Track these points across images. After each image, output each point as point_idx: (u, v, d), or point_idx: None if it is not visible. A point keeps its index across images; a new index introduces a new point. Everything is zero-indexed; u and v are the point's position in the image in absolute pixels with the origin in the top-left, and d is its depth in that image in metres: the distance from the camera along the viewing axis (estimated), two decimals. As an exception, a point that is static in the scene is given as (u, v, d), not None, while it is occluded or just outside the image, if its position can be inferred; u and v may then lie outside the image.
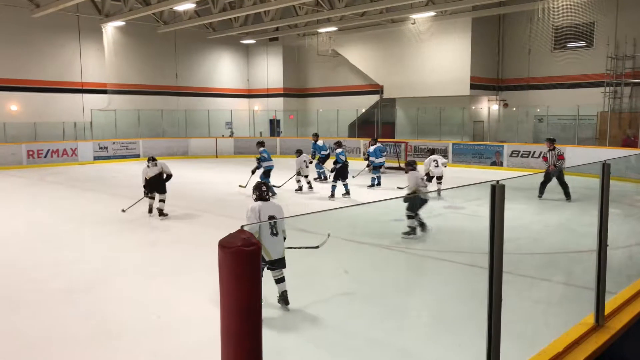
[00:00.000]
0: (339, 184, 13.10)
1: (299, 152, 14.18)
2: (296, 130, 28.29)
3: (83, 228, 9.99)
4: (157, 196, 10.64)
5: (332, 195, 12.92)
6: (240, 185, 14.02)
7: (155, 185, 10.61)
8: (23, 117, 21.60)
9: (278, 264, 5.46)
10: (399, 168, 18.77)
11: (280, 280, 5.51)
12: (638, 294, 3.61)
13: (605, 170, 3.16)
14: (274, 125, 29.06)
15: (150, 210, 10.67)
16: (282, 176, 14.69)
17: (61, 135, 22.19)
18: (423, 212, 8.78)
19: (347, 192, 13.07)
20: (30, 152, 20.49)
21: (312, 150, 16.42)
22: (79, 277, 6.87)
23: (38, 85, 22.23)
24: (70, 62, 23.14)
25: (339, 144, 14.01)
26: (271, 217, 5.62)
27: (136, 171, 18.87)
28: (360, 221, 8.49)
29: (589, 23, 20.24)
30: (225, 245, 1.56)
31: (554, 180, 12.56)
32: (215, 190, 14.70)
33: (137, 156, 23.36)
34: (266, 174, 13.10)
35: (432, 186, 14.74)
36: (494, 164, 19.87)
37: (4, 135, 20.77)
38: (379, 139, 17.79)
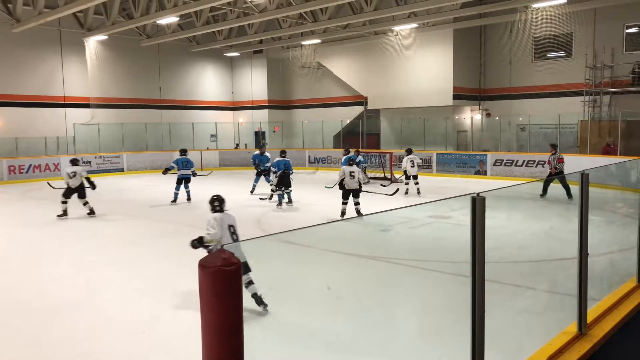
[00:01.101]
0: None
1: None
2: (281, 142, 28.30)
3: (67, 245, 9.85)
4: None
5: (280, 204, 13.17)
6: (261, 198, 14.33)
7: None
8: (4, 132, 21.32)
9: (243, 270, 5.58)
10: (384, 178, 18.86)
11: (249, 284, 5.77)
12: (620, 301, 3.66)
13: (584, 180, 3.20)
14: (259, 137, 29.04)
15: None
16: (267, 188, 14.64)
17: (43, 150, 21.92)
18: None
19: (289, 201, 13.37)
20: (12, 168, 20.20)
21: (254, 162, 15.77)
22: (64, 295, 6.76)
23: (20, 100, 22.00)
24: (52, 76, 22.95)
25: (282, 153, 14.00)
26: (230, 226, 6.03)
27: (120, 185, 18.79)
28: (346, 232, 8.50)
29: (567, 34, 20.63)
30: (205, 265, 1.55)
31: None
32: (202, 204, 14.58)
33: (121, 170, 23.16)
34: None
35: (411, 186, 15.01)
36: (477, 173, 20.05)
37: (-15, 151, 20.48)
38: (360, 150, 17.94)
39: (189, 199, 14.72)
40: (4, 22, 20.29)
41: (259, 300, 5.71)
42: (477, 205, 2.29)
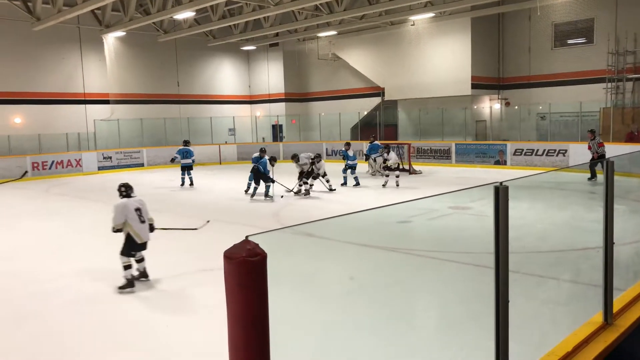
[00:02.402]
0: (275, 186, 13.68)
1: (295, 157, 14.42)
2: (299, 135, 28.32)
3: (90, 239, 10.01)
4: None
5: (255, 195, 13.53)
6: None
7: None
8: (27, 129, 21.72)
9: (143, 247, 6.90)
10: (402, 169, 18.77)
11: (140, 261, 6.98)
12: (646, 291, 3.60)
13: (609, 168, 3.15)
14: (277, 131, 29.10)
15: None
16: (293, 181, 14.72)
17: (65, 146, 22.29)
18: None
19: (266, 195, 13.57)
20: (35, 164, 20.58)
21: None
22: (87, 288, 6.89)
23: (41, 98, 22.37)
24: (72, 73, 23.27)
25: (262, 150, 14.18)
26: (137, 209, 6.80)
27: (141, 180, 19.01)
28: (364, 224, 8.48)
29: (588, 19, 20.21)
30: (230, 256, 1.56)
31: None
32: (222, 197, 14.72)
33: (142, 165, 23.42)
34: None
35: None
36: (497, 163, 19.84)
37: (9, 148, 20.88)
38: (380, 141, 17.99)
39: (191, 184, 16.67)
40: (25, 20, 20.60)
41: (144, 273, 7.00)
42: (501, 194, 2.27)
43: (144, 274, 7.01)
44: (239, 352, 1.59)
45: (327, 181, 14.70)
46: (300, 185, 14.24)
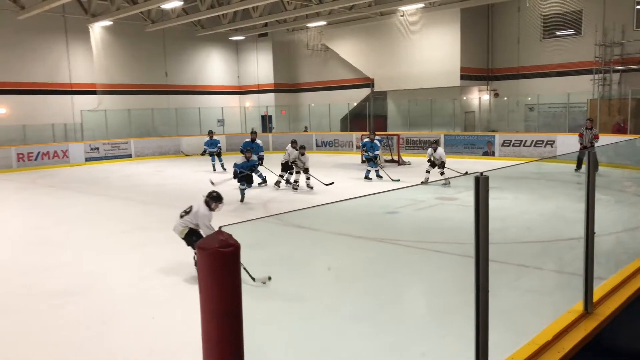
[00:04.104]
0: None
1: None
2: (288, 125, 28.24)
3: (76, 230, 9.95)
4: None
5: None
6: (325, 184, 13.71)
7: None
8: (12, 120, 21.43)
9: None
10: (392, 161, 18.81)
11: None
12: (626, 280, 3.64)
13: (591, 158, 3.17)
14: (266, 121, 28.99)
15: None
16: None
17: (51, 137, 22.04)
18: None
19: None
20: (20, 155, 20.34)
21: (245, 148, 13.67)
22: (73, 280, 6.85)
23: (26, 88, 22.05)
24: (58, 63, 22.96)
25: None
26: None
27: (128, 171, 18.89)
28: (353, 215, 8.50)
29: (576, 11, 20.29)
30: (203, 247, 1.55)
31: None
32: (210, 188, 14.63)
33: (129, 156, 23.24)
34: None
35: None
36: (486, 154, 19.93)
37: (-6, 139, 20.63)
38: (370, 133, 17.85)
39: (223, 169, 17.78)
40: (9, 9, 20.28)
41: None
42: (481, 185, 2.27)
43: None
44: (212, 344, 1.58)
45: (308, 178, 13.57)
46: (284, 177, 13.84)
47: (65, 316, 5.66)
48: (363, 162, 17.55)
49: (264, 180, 14.15)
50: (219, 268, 1.55)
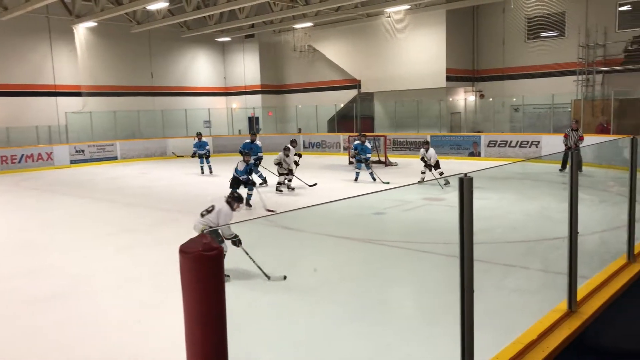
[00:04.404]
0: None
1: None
2: (275, 127, 28.19)
3: (60, 233, 9.83)
4: None
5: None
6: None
7: None
8: (-5, 122, 21.16)
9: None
10: (379, 162, 18.86)
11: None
12: (609, 279, 3.69)
13: (574, 158, 3.20)
14: (253, 123, 28.91)
15: None
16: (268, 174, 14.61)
17: (35, 139, 21.77)
18: None
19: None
20: (4, 158, 20.06)
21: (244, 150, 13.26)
22: (57, 283, 6.77)
23: (9, 90, 21.76)
24: (41, 64, 22.70)
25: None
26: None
27: (114, 173, 18.73)
28: (341, 216, 8.51)
29: (560, 12, 20.53)
30: (185, 250, 1.54)
31: None
32: (198, 190, 14.58)
33: (115, 158, 23.04)
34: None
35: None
36: (471, 154, 20.07)
37: (-24, 142, 20.33)
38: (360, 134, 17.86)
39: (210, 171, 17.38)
40: (-9, 10, 20.01)
41: None
42: (465, 185, 2.28)
43: None
44: (195, 348, 1.57)
45: (290, 180, 13.27)
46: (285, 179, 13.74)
47: (50, 319, 5.60)
48: (350, 163, 17.57)
49: (264, 181, 14.21)
50: (202, 272, 1.54)
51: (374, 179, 14.56)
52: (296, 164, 13.73)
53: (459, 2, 20.87)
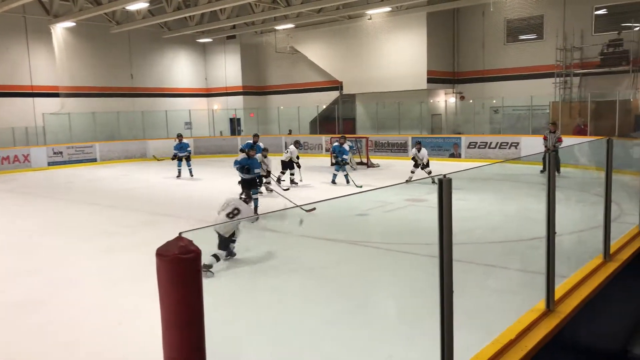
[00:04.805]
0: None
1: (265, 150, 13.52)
2: (257, 128, 28.09)
3: (37, 237, 9.65)
4: None
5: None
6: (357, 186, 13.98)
7: None
8: (-31, 123, 20.73)
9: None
10: (361, 163, 18.92)
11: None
12: (586, 278, 3.74)
13: (550, 160, 3.25)
14: (235, 124, 28.78)
15: None
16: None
17: (11, 141, 21.35)
18: None
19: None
20: (-21, 160, 19.67)
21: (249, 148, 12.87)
22: (35, 288, 6.64)
23: (-16, 90, 21.37)
24: (18, 65, 22.28)
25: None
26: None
27: (93, 176, 18.46)
28: (323, 217, 8.51)
29: (538, 16, 20.84)
30: (162, 253, 1.51)
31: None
32: (179, 192, 14.46)
33: (94, 160, 22.74)
34: None
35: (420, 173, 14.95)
36: (452, 155, 20.25)
37: (-50, 143, 19.89)
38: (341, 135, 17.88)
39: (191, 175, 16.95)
40: (-34, 9, 19.59)
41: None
42: (444, 187, 2.30)
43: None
44: (172, 353, 1.55)
45: (269, 183, 13.03)
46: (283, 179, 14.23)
47: (29, 324, 5.49)
48: (332, 164, 17.58)
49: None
50: (179, 275, 1.52)
51: (348, 182, 14.52)
52: (299, 164, 14.64)
53: (439, 4, 21.06)
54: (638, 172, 7.74)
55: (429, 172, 13.81)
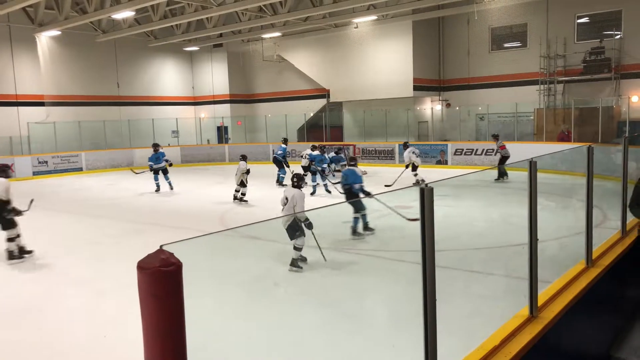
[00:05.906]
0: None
1: (243, 157, 13.53)
2: (244, 136, 28.08)
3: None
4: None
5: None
6: (385, 185, 14.78)
7: None
8: (-48, 133, 20.46)
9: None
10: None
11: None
12: (569, 284, 3.79)
13: (532, 168, 3.30)
14: (222, 132, 28.72)
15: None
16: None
17: (-5, 150, 21.13)
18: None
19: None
20: (-38, 170, 19.37)
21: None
22: (20, 299, 6.56)
23: (-32, 99, 21.12)
24: (1, 73, 22.05)
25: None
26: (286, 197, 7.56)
27: (79, 185, 18.27)
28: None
29: (522, 24, 21.15)
30: (143, 266, 1.52)
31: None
32: (166, 201, 14.38)
33: (80, 169, 22.54)
34: None
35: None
36: (439, 162, 20.38)
37: None
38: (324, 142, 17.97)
39: (171, 188, 15.87)
40: (-51, 18, 19.41)
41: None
42: (426, 196, 2.33)
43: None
44: (154, 364, 1.55)
45: (241, 192, 13.23)
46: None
47: (12, 336, 5.41)
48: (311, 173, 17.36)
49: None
50: (160, 288, 1.53)
51: (329, 192, 14.32)
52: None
53: (424, 13, 21.27)
54: (620, 178, 7.87)
55: (416, 174, 14.77)
